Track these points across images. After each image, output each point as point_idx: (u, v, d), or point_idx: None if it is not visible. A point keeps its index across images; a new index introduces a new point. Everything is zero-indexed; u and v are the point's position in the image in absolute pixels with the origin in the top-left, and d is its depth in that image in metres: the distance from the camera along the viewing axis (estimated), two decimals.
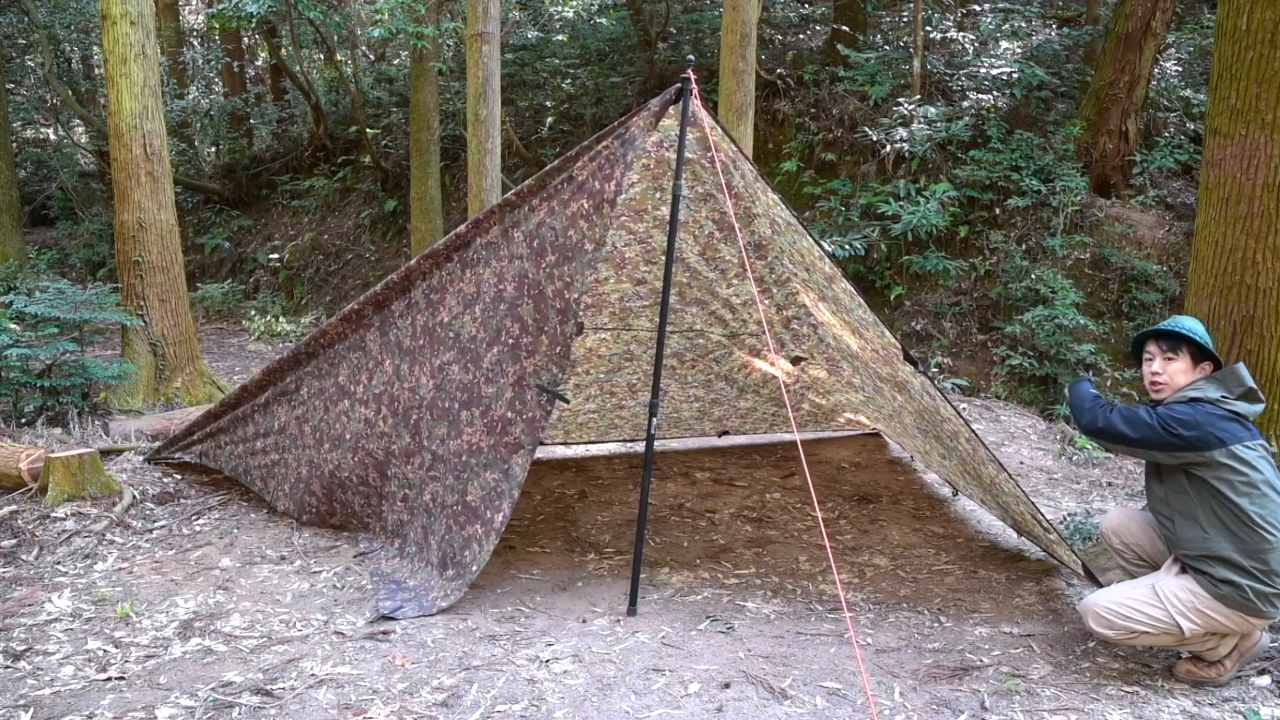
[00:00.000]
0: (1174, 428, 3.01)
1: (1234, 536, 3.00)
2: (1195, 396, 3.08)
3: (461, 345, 4.02)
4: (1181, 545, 3.10)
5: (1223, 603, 3.01)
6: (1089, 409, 3.22)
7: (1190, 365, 3.18)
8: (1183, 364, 3.18)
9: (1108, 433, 3.14)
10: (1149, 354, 3.25)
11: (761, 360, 5.66)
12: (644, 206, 4.33)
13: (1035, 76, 9.64)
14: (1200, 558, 3.05)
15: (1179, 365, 3.18)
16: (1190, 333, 3.18)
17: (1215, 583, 3.01)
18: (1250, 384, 3.09)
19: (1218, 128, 3.85)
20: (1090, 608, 3.16)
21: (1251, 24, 3.68)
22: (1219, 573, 3.01)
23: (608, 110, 12.19)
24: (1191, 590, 3.06)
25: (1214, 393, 3.08)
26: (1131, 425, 3.09)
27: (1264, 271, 3.70)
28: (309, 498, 4.61)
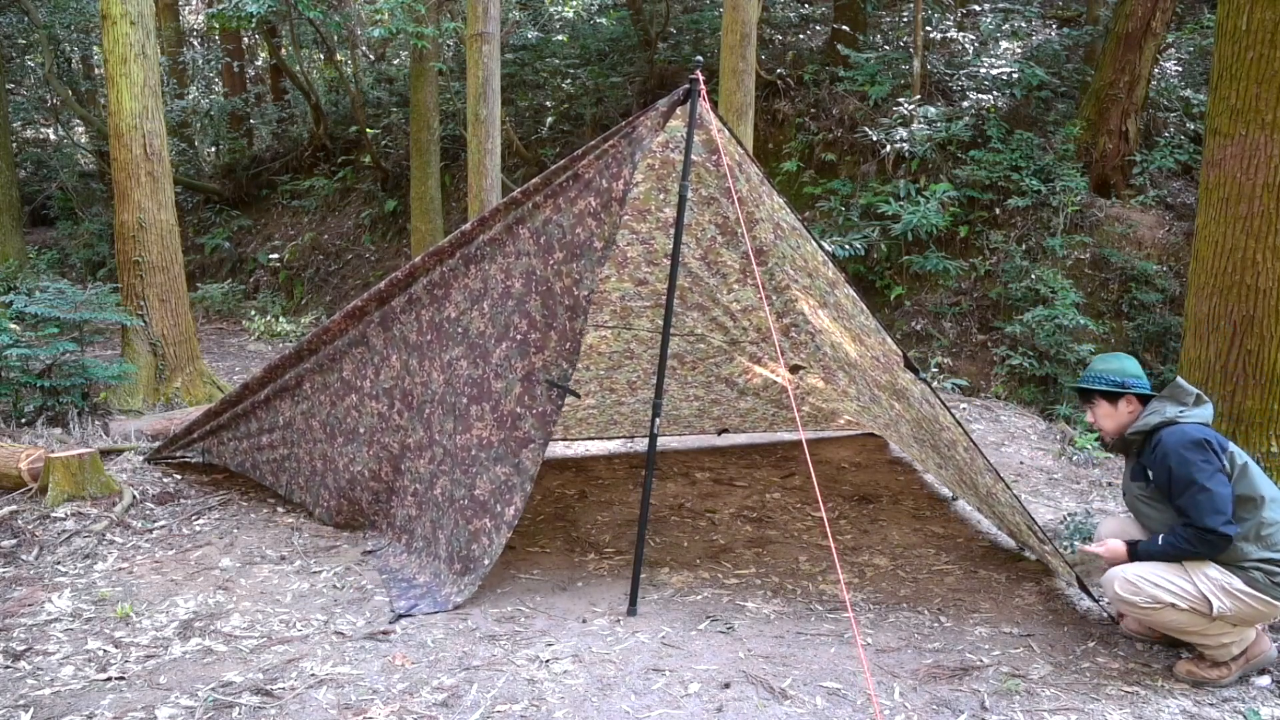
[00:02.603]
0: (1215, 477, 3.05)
1: (1260, 540, 3.06)
2: (1159, 422, 3.19)
3: (470, 341, 4.04)
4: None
5: (1253, 586, 3.03)
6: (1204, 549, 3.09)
7: (1110, 408, 3.35)
8: (1103, 409, 3.37)
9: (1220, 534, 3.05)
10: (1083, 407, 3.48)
11: (762, 367, 5.66)
12: (647, 207, 4.34)
13: (1035, 76, 9.64)
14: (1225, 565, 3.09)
15: (1102, 410, 3.37)
16: (1086, 382, 3.38)
17: (1243, 566, 3.05)
18: (1195, 390, 3.24)
19: (1218, 128, 3.85)
20: (1116, 575, 3.18)
21: (1251, 24, 3.68)
22: (1248, 558, 3.05)
23: (608, 110, 12.19)
24: (1221, 570, 3.08)
25: (1172, 410, 3.20)
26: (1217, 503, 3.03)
27: (1264, 271, 3.70)
28: (324, 491, 4.65)
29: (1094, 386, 3.35)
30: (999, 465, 5.99)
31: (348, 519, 4.60)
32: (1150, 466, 3.21)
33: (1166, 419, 3.19)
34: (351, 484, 4.53)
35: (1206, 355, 3.90)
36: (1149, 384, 3.34)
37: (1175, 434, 3.13)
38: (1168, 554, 3.14)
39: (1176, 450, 3.09)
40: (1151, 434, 3.22)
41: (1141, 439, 3.27)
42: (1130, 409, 3.33)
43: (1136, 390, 3.31)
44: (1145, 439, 3.26)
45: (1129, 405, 3.32)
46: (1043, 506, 5.32)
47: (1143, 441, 3.27)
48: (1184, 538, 3.09)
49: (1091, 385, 3.36)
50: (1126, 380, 3.32)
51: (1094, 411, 3.41)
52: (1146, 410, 3.28)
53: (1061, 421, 7.45)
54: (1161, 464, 3.14)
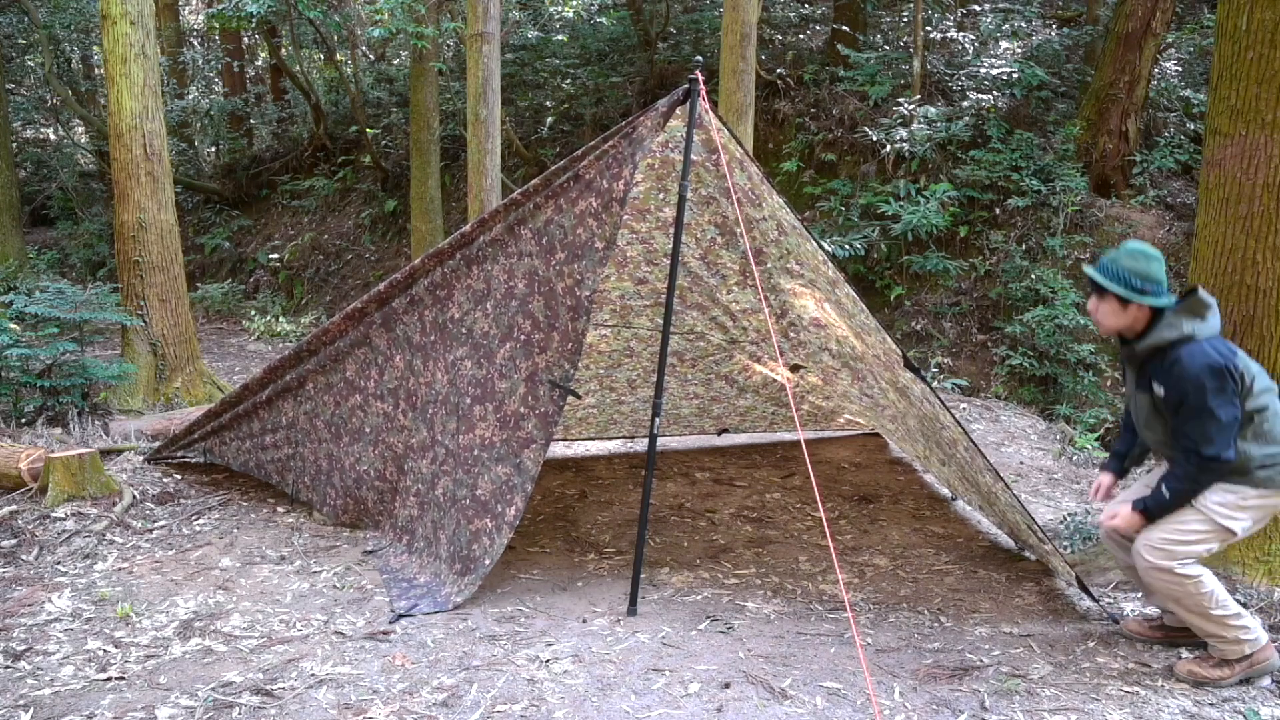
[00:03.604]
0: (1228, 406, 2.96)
1: (1259, 437, 3.03)
2: (1174, 338, 3.02)
3: (474, 341, 4.04)
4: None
5: (1263, 487, 3.04)
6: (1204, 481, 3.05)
7: (1119, 307, 3.11)
8: (1110, 307, 3.13)
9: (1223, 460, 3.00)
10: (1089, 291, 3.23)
11: (761, 365, 5.66)
12: (647, 207, 4.34)
13: (1035, 76, 9.64)
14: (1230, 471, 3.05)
15: (1107, 308, 3.14)
16: (1104, 274, 3.11)
17: (1251, 473, 3.03)
18: (1211, 301, 3.07)
19: (1218, 128, 3.85)
20: (1143, 544, 3.15)
21: (1251, 24, 3.68)
22: (1254, 462, 3.03)
23: (608, 110, 12.19)
24: (1227, 491, 3.06)
25: (1188, 326, 3.02)
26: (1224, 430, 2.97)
27: (1264, 271, 3.70)
28: (330, 490, 4.66)
29: (1110, 285, 3.09)
30: (999, 465, 5.99)
31: (353, 518, 4.61)
32: (1162, 381, 3.05)
33: (1184, 334, 3.01)
34: (358, 483, 4.53)
35: None
36: (1166, 293, 3.11)
37: (1196, 354, 2.97)
38: (1177, 499, 3.05)
39: (1196, 375, 2.94)
40: (1166, 349, 3.04)
41: (1151, 353, 3.09)
42: (1139, 315, 3.11)
43: (1152, 301, 3.07)
44: (1157, 352, 3.08)
45: (1139, 310, 3.10)
46: (1043, 506, 5.32)
47: (1152, 353, 3.10)
48: (1186, 474, 3.01)
49: (1108, 283, 3.10)
50: (1147, 287, 3.07)
51: (1100, 305, 3.16)
52: (1163, 323, 3.05)
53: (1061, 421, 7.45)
54: (1177, 384, 2.99)
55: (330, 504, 4.67)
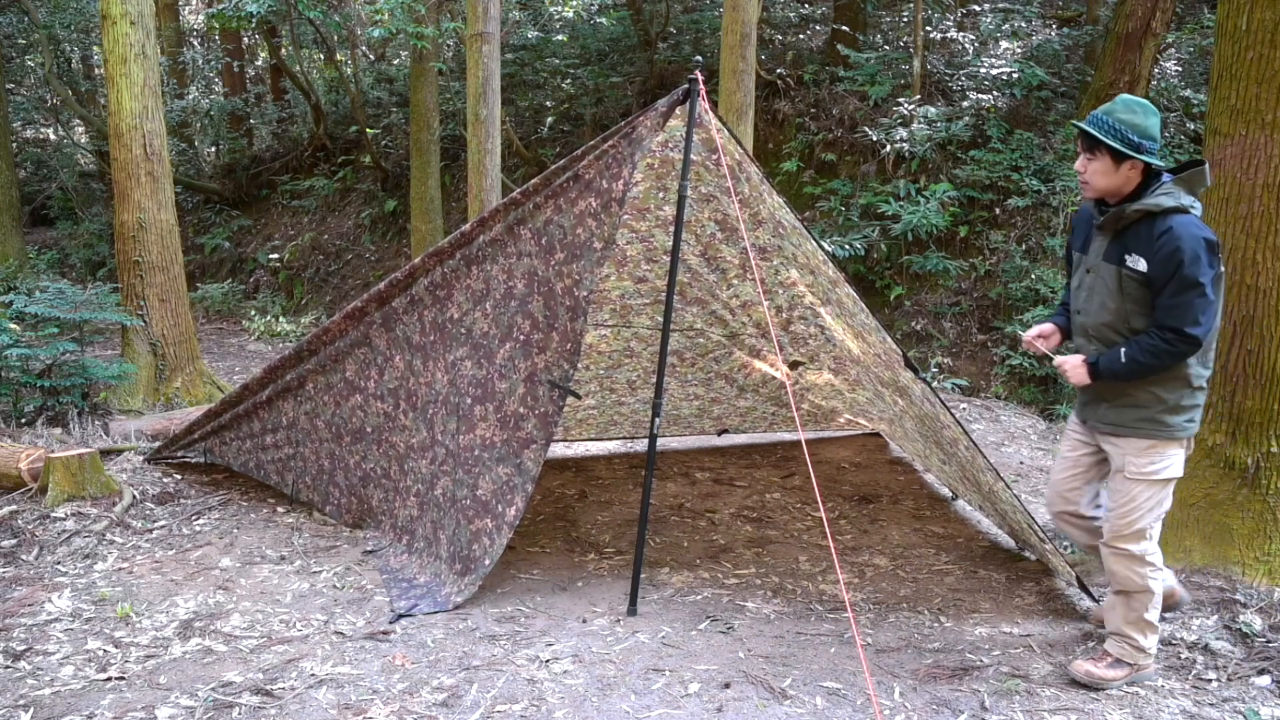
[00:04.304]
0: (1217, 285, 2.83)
1: (1204, 349, 2.93)
2: (1173, 206, 2.84)
3: (474, 341, 4.04)
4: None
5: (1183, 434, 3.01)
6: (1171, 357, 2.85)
7: (1111, 165, 2.89)
8: (1101, 164, 2.91)
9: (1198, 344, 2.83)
10: (1079, 149, 3.00)
11: (761, 361, 5.66)
12: (646, 206, 4.34)
13: (1035, 76, 9.64)
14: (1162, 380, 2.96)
15: (1098, 166, 2.92)
16: (1097, 127, 2.89)
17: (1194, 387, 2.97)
18: (1208, 181, 2.94)
19: (1218, 128, 3.85)
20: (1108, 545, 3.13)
21: (1251, 24, 3.68)
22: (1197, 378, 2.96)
23: (608, 110, 12.19)
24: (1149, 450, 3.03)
25: (1187, 199, 2.86)
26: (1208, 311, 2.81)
27: (1264, 271, 3.70)
28: (333, 489, 4.67)
29: (1104, 138, 2.86)
30: (999, 465, 5.99)
31: (357, 517, 4.61)
32: (1144, 253, 2.85)
33: (1182, 205, 2.82)
34: (364, 481, 4.54)
35: None
36: (1160, 151, 2.94)
37: (1190, 225, 2.80)
38: (1131, 368, 2.88)
39: (1192, 246, 2.76)
40: (1158, 216, 2.85)
41: (1140, 216, 2.89)
42: (1131, 174, 2.90)
43: (1147, 158, 2.86)
44: (1147, 219, 2.88)
45: (1131, 169, 2.89)
46: (1043, 507, 5.32)
47: (1139, 220, 2.90)
48: (1153, 349, 2.83)
49: (1102, 135, 2.87)
50: (1143, 143, 2.85)
51: (1089, 163, 2.94)
52: (1159, 188, 2.86)
53: (1061, 421, 7.45)
54: (1169, 254, 2.78)
55: (334, 503, 4.67)
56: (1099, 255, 3.02)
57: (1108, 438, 3.15)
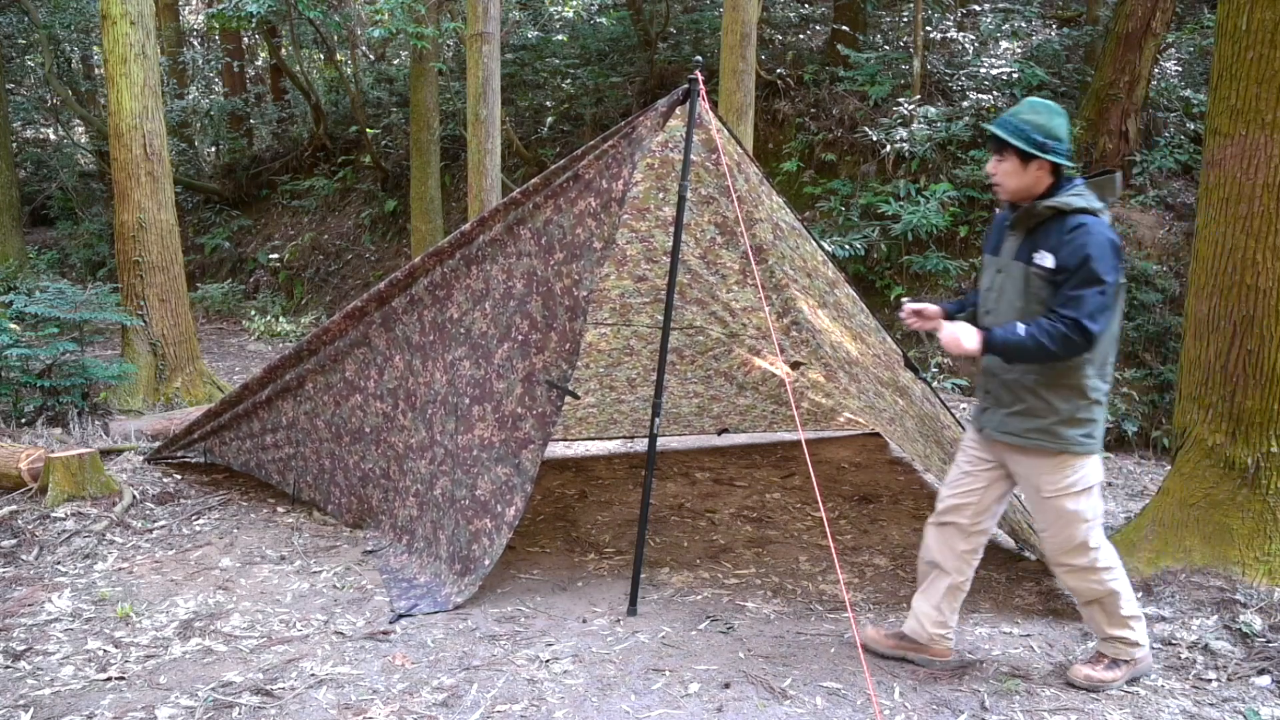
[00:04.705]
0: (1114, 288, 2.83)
1: (1101, 363, 2.95)
2: (1083, 206, 2.87)
3: (473, 341, 4.04)
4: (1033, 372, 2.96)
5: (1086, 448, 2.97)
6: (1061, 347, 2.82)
7: (1019, 166, 2.93)
8: (1010, 165, 2.95)
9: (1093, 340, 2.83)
10: (990, 151, 3.04)
11: (761, 359, 5.66)
12: (646, 206, 4.34)
13: (1035, 76, 9.64)
14: (1055, 388, 2.94)
15: (1007, 166, 2.96)
16: (1003, 129, 2.93)
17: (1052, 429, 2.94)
18: (1119, 191, 2.97)
19: (1218, 128, 3.85)
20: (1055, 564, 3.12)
21: (1251, 24, 3.68)
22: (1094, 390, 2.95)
23: (608, 110, 12.19)
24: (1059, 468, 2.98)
25: (1096, 202, 2.90)
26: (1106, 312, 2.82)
27: (1264, 271, 3.70)
28: (334, 489, 4.67)
29: (1010, 139, 2.91)
30: None
31: (358, 517, 4.61)
32: (1053, 248, 2.87)
33: (1091, 206, 2.87)
34: (364, 481, 4.54)
35: (1206, 355, 3.90)
36: (1068, 152, 2.96)
37: (1101, 227, 2.84)
38: (1025, 346, 2.83)
39: (1101, 244, 2.80)
40: (1069, 214, 2.88)
41: (1051, 215, 2.91)
42: (1040, 174, 2.93)
43: (1053, 157, 2.90)
44: (1057, 217, 2.90)
45: (1039, 169, 2.92)
46: None
47: (1050, 219, 2.91)
48: (1052, 332, 2.79)
49: (1008, 136, 2.91)
50: (1048, 143, 2.89)
51: (999, 165, 2.98)
52: (1071, 188, 2.92)
53: None
54: (1077, 248, 2.81)
55: (335, 502, 4.68)
56: (1010, 255, 3.04)
57: (1010, 453, 3.09)
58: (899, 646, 3.34)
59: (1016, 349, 2.86)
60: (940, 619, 3.26)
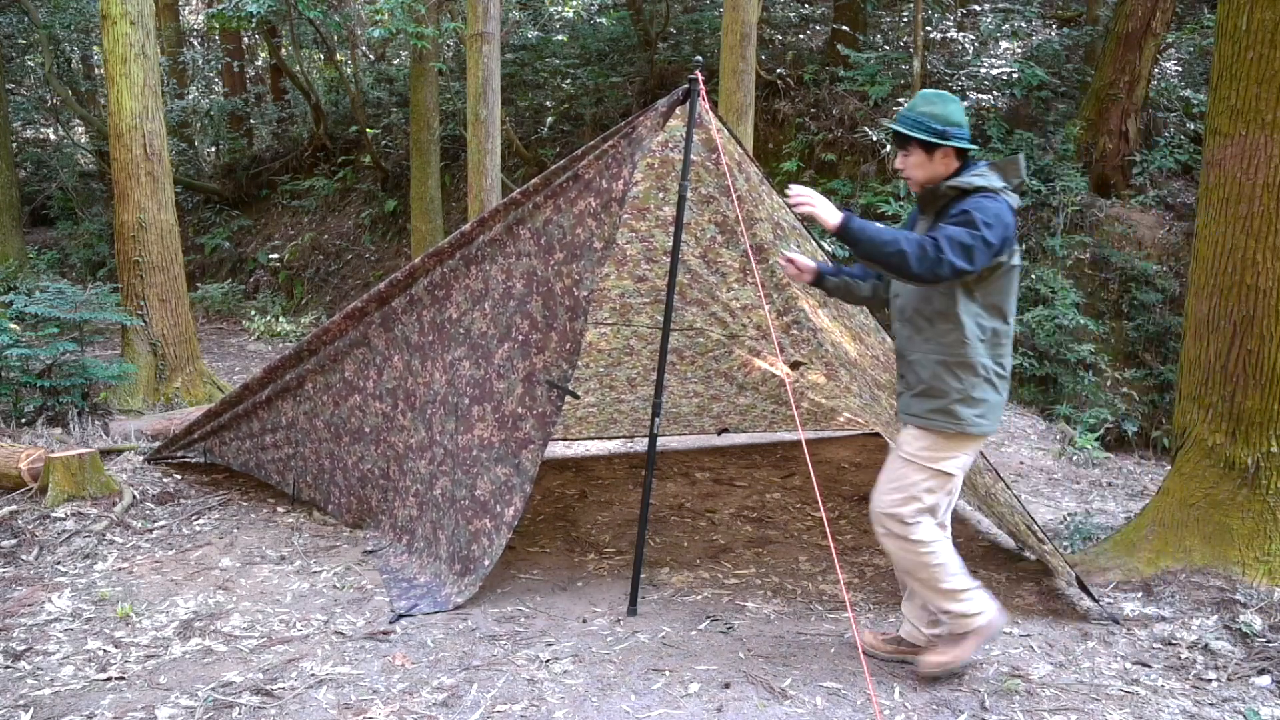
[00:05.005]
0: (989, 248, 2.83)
1: (991, 343, 2.97)
2: (982, 185, 2.92)
3: (472, 341, 4.04)
4: (934, 351, 3.00)
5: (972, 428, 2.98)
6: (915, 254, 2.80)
7: (925, 157, 3.00)
8: (916, 158, 3.02)
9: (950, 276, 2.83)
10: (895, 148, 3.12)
11: (761, 360, 5.66)
12: (646, 205, 4.34)
13: (1035, 76, 9.64)
14: (948, 366, 2.97)
15: (914, 159, 3.03)
16: (903, 124, 3.00)
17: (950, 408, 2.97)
18: (1024, 176, 3.00)
19: (1218, 128, 3.85)
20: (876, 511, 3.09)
21: (1251, 24, 3.68)
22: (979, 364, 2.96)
23: (608, 110, 12.19)
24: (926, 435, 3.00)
25: (997, 182, 2.94)
26: (967, 255, 2.81)
27: (1264, 271, 3.70)
28: (333, 489, 4.67)
29: (910, 132, 2.98)
30: (999, 465, 5.99)
31: (358, 517, 4.61)
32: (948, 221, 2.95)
33: (990, 186, 2.92)
34: (362, 481, 4.54)
35: (1206, 355, 3.90)
36: (969, 135, 3.03)
37: (996, 199, 2.90)
38: (883, 238, 2.82)
39: (985, 209, 2.84)
40: (970, 192, 2.94)
41: (954, 195, 2.97)
42: (946, 161, 3.00)
43: (956, 143, 2.96)
44: (959, 196, 2.96)
45: (945, 156, 2.99)
46: (1043, 506, 5.32)
47: (953, 199, 2.97)
48: (918, 239, 2.81)
49: (908, 131, 2.98)
50: (948, 130, 2.95)
51: (906, 159, 3.05)
52: (974, 170, 2.98)
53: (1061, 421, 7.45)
54: (969, 209, 2.88)
55: (335, 502, 4.68)
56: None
57: (906, 428, 3.14)
58: (898, 651, 3.34)
59: (872, 239, 2.85)
60: (932, 618, 3.26)
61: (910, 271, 2.82)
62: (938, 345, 3.01)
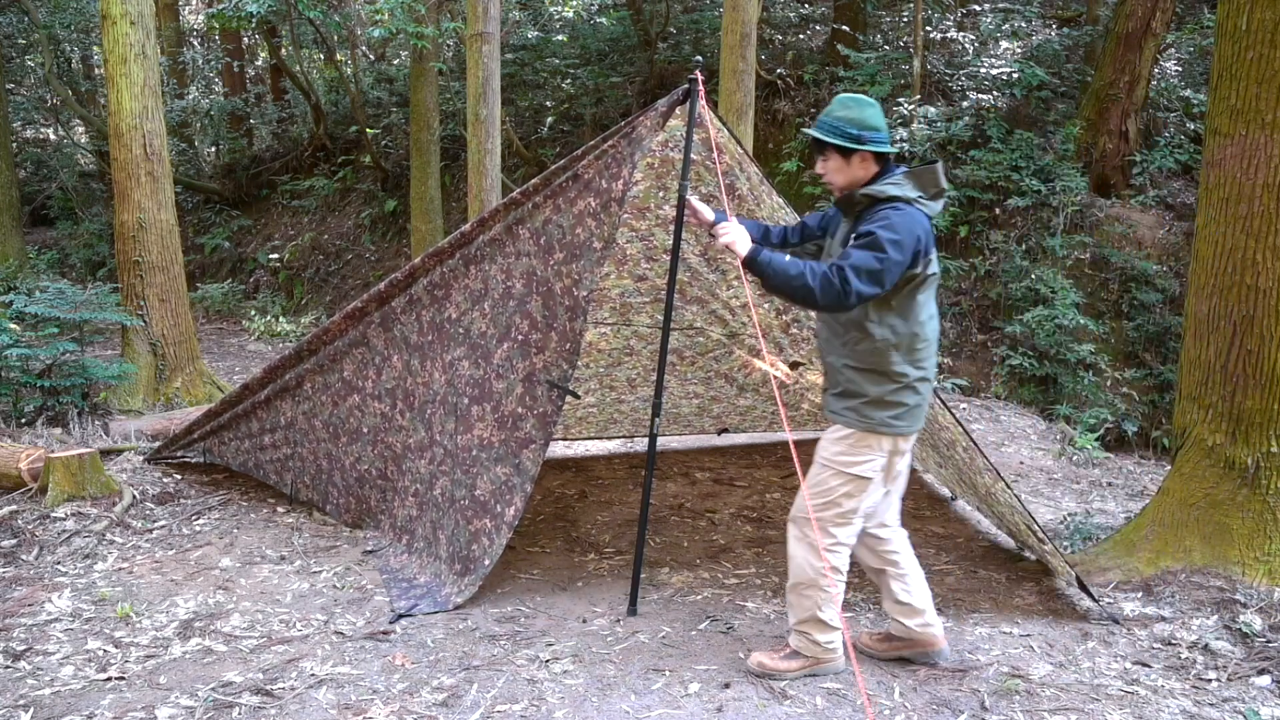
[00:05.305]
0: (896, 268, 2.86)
1: (908, 349, 3.00)
2: (895, 195, 2.95)
3: (472, 341, 4.04)
4: (848, 357, 3.04)
5: (883, 430, 3.02)
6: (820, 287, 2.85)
7: (843, 162, 3.03)
8: (834, 163, 3.05)
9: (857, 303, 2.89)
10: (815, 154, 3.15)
11: (761, 361, 5.66)
12: (646, 205, 4.34)
13: (1035, 76, 9.64)
14: (861, 372, 3.02)
15: (832, 164, 3.06)
16: (820, 130, 3.02)
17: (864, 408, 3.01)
18: (944, 184, 3.03)
19: (1218, 128, 3.85)
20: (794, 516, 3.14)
21: (1251, 24, 3.68)
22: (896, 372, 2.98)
23: (608, 110, 12.19)
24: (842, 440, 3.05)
25: (912, 192, 2.96)
26: (875, 280, 2.84)
27: (1264, 271, 3.70)
28: (331, 489, 4.67)
29: (826, 138, 3.00)
30: (999, 465, 5.99)
31: (357, 517, 4.61)
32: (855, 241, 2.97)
33: (904, 196, 2.95)
34: (360, 482, 4.54)
35: (1206, 355, 3.90)
36: (888, 138, 3.06)
37: (910, 214, 2.92)
38: (788, 272, 2.88)
39: (894, 225, 2.86)
40: (882, 201, 2.96)
41: (869, 202, 3.00)
42: (864, 165, 3.02)
43: (873, 147, 2.99)
44: (873, 204, 2.99)
45: (863, 161, 3.01)
46: (1043, 506, 5.32)
47: (869, 205, 3.01)
48: (823, 271, 2.85)
49: (824, 136, 3.01)
50: (864, 135, 2.97)
51: (825, 164, 3.07)
52: (889, 178, 3.00)
53: (1061, 421, 7.45)
54: (877, 222, 2.91)
55: (334, 503, 4.68)
56: (839, 240, 3.15)
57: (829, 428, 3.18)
58: (891, 648, 3.35)
59: (778, 273, 2.90)
60: (912, 609, 3.28)
61: (817, 304, 2.89)
62: (852, 352, 3.05)
